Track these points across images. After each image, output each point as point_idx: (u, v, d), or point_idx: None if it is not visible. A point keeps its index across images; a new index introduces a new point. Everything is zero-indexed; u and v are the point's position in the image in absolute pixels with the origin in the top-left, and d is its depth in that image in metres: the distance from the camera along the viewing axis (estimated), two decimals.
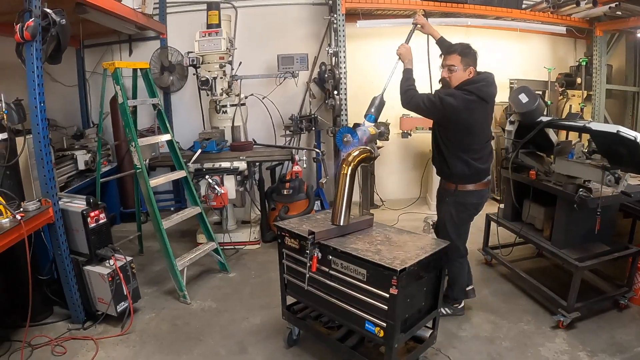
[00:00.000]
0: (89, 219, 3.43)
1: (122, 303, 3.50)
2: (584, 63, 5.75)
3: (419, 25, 3.51)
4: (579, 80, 5.89)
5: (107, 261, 3.49)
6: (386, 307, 2.34)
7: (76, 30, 5.19)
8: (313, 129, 5.52)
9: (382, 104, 3.24)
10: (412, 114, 5.85)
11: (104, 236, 3.59)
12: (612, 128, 2.97)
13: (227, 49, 4.48)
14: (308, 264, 2.61)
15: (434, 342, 2.89)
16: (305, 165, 5.00)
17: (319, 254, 2.60)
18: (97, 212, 3.51)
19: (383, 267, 2.28)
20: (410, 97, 3.10)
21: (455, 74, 3.09)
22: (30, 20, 2.94)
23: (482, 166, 3.18)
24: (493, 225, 4.29)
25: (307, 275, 2.66)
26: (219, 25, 4.52)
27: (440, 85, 3.28)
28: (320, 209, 5.63)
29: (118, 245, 4.60)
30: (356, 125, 5.36)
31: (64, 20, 3.13)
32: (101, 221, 3.55)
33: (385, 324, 2.37)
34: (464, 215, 3.29)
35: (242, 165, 4.54)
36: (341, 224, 2.72)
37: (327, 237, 2.63)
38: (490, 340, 3.22)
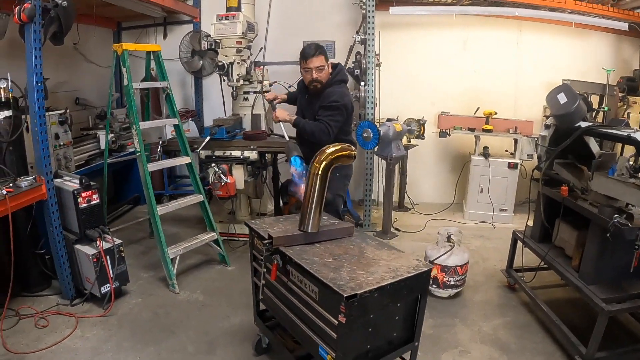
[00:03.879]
0: (79, 199, 3.44)
1: (106, 285, 3.48)
2: None
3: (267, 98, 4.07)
4: None
5: (96, 242, 3.45)
6: (335, 336, 2.00)
7: (113, 12, 5.26)
8: None
9: (293, 145, 3.58)
10: (451, 112, 5.47)
11: (96, 217, 3.56)
12: None
13: (243, 33, 4.23)
14: (263, 270, 2.33)
15: None
16: None
17: (280, 262, 2.31)
18: (89, 192, 3.51)
19: (332, 289, 1.94)
20: (318, 131, 3.43)
21: (324, 72, 3.46)
22: (27, 2, 2.94)
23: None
24: (520, 245, 3.74)
25: (262, 282, 2.38)
26: (238, 9, 4.26)
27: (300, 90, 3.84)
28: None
29: (129, 226, 4.70)
30: (389, 120, 5.03)
31: (65, 2, 3.14)
32: (93, 202, 3.54)
33: (335, 354, 2.04)
34: (346, 185, 3.80)
35: (252, 155, 4.31)
36: (309, 230, 2.39)
37: (288, 244, 2.32)
38: None
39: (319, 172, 2.34)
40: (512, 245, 3.81)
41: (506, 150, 5.47)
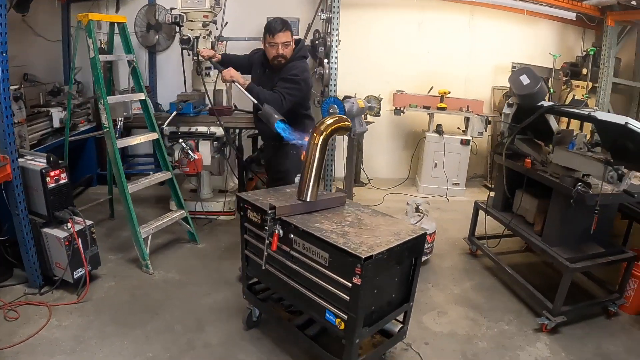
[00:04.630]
0: (48, 179, 3.21)
1: (79, 269, 3.31)
2: (591, 52, 5.38)
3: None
4: (584, 71, 5.55)
5: (66, 224, 3.28)
6: (348, 298, 2.09)
7: None
8: None
9: (270, 110, 3.17)
10: (407, 90, 5.66)
11: (64, 197, 3.36)
12: (619, 119, 2.68)
13: (211, 6, 4.15)
14: (267, 242, 2.36)
15: (404, 337, 2.65)
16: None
17: (281, 232, 2.35)
18: (57, 171, 3.29)
19: (347, 252, 2.02)
20: (272, 100, 3.23)
21: (290, 47, 3.34)
22: None
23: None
24: (481, 214, 4.02)
25: (266, 254, 2.41)
26: None
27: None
28: None
29: (87, 208, 4.46)
30: (347, 98, 5.12)
31: None
32: (62, 181, 3.33)
33: (346, 316, 2.13)
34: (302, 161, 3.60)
35: (219, 130, 4.25)
36: (308, 199, 2.45)
37: (290, 213, 2.37)
38: (467, 339, 2.99)
39: (319, 142, 2.39)
40: (473, 214, 4.09)
41: (458, 128, 5.79)
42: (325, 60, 4.73)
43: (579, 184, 2.90)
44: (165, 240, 4.20)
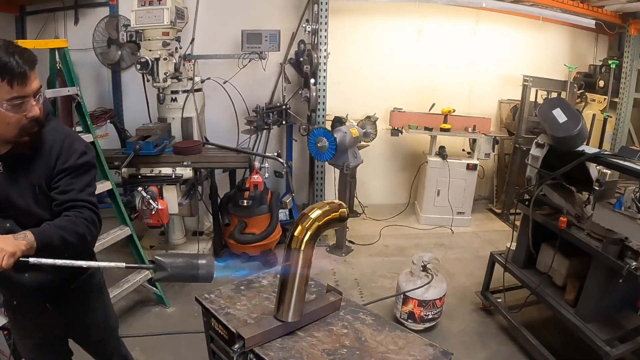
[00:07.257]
0: None
1: None
2: (613, 66, 4.72)
3: None
4: (601, 83, 4.92)
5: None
6: None
7: None
8: (284, 122, 4.55)
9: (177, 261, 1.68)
10: (404, 107, 5.00)
11: None
12: None
13: (171, 22, 3.48)
14: None
15: None
16: (267, 175, 4.02)
17: None
18: None
19: None
20: (84, 232, 1.60)
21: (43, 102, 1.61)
22: None
23: None
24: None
25: None
26: None
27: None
28: (288, 219, 4.74)
29: None
30: (337, 120, 4.47)
31: None
32: None
33: None
34: None
35: (186, 172, 3.61)
36: (289, 320, 1.83)
37: (265, 341, 1.76)
38: None
39: (302, 247, 1.75)
40: (489, 268, 3.50)
41: (463, 150, 5.17)
42: (312, 81, 4.06)
43: (634, 263, 2.32)
44: (129, 303, 3.55)
